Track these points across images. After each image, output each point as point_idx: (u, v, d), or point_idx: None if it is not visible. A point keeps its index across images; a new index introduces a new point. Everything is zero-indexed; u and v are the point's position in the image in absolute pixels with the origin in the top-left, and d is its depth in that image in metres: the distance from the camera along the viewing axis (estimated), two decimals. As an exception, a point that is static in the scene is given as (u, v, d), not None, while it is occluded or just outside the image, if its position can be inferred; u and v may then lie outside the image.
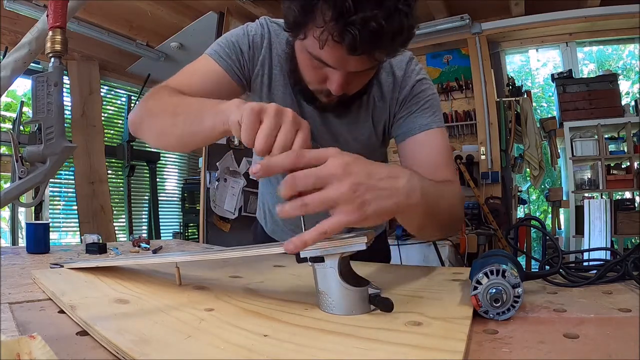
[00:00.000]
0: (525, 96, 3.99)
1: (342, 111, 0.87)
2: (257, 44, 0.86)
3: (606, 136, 3.70)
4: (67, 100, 3.53)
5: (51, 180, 1.69)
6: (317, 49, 0.66)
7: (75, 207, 3.55)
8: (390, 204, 0.49)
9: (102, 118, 3.79)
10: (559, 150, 4.00)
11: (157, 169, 4.32)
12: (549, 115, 4.26)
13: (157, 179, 4.32)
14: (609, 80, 3.69)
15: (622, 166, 3.66)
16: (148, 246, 1.23)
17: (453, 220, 0.74)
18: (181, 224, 4.44)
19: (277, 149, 0.50)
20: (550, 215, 4.20)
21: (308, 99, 0.83)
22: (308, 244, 0.47)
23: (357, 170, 0.47)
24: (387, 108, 0.90)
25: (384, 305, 0.49)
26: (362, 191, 0.47)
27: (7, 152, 3.12)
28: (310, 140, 0.52)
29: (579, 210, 3.51)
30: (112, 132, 4.00)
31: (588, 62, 4.50)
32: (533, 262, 3.13)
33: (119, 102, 4.10)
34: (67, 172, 3.57)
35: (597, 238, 3.14)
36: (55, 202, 3.59)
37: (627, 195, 3.76)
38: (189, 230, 4.31)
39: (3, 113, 3.29)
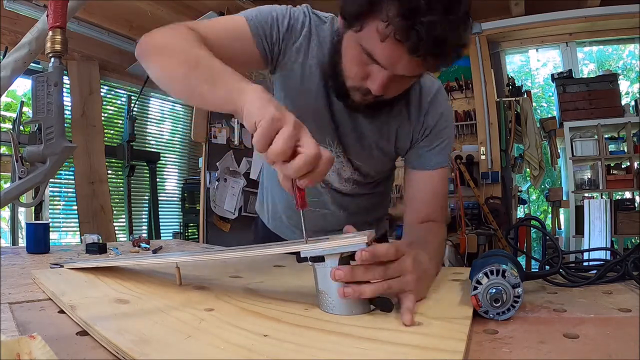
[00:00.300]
0: (525, 96, 3.99)
1: (371, 114, 0.87)
2: (296, 30, 0.84)
3: (606, 136, 3.70)
4: (67, 100, 3.52)
5: (51, 180, 1.69)
6: (372, 44, 0.67)
7: (75, 207, 3.55)
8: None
9: (102, 118, 3.78)
10: (559, 150, 4.00)
11: (157, 169, 4.31)
12: (549, 115, 4.26)
13: (157, 179, 4.31)
14: (609, 80, 3.69)
15: (622, 166, 3.66)
16: (148, 246, 1.23)
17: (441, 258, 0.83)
18: (181, 224, 4.43)
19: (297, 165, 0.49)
20: (550, 215, 4.20)
21: (341, 95, 0.82)
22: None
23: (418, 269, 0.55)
24: (411, 131, 0.91)
25: (384, 305, 0.49)
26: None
27: (7, 152, 3.12)
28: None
29: (579, 210, 3.51)
30: (112, 132, 3.99)
31: (588, 62, 4.50)
32: (533, 262, 3.13)
33: (119, 102, 4.09)
34: (67, 172, 3.56)
35: (597, 238, 3.14)
36: (55, 202, 3.58)
37: (627, 195, 3.76)
38: (189, 230, 4.30)
39: (3, 113, 3.29)
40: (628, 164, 3.61)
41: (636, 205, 3.49)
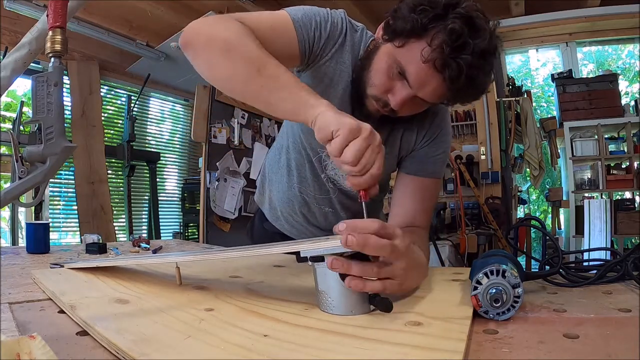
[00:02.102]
0: (525, 96, 3.99)
1: (380, 127, 0.88)
2: (335, 35, 0.85)
3: (606, 136, 3.70)
4: (67, 100, 3.52)
5: (51, 180, 1.69)
6: (408, 62, 0.71)
7: (75, 207, 3.55)
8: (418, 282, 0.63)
9: (102, 118, 3.78)
10: (559, 150, 4.00)
11: (157, 169, 4.31)
12: (549, 115, 4.27)
13: (157, 179, 4.30)
14: (609, 80, 3.70)
15: (622, 166, 3.66)
16: (148, 246, 1.23)
17: None
18: (181, 224, 4.42)
19: (362, 166, 0.56)
20: (550, 215, 4.20)
21: (357, 102, 0.84)
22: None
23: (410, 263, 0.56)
24: (414, 137, 0.94)
25: (384, 305, 0.49)
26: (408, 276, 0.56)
27: (7, 152, 3.11)
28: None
29: (579, 210, 3.51)
30: (112, 132, 3.99)
31: (587, 62, 4.50)
32: (533, 262, 3.13)
33: (119, 102, 4.09)
34: (67, 172, 3.56)
35: (597, 238, 3.14)
36: (55, 202, 3.58)
37: (627, 195, 3.76)
38: (189, 230, 4.30)
39: (3, 113, 3.28)
40: (628, 164, 3.61)
41: (636, 205, 3.49)
